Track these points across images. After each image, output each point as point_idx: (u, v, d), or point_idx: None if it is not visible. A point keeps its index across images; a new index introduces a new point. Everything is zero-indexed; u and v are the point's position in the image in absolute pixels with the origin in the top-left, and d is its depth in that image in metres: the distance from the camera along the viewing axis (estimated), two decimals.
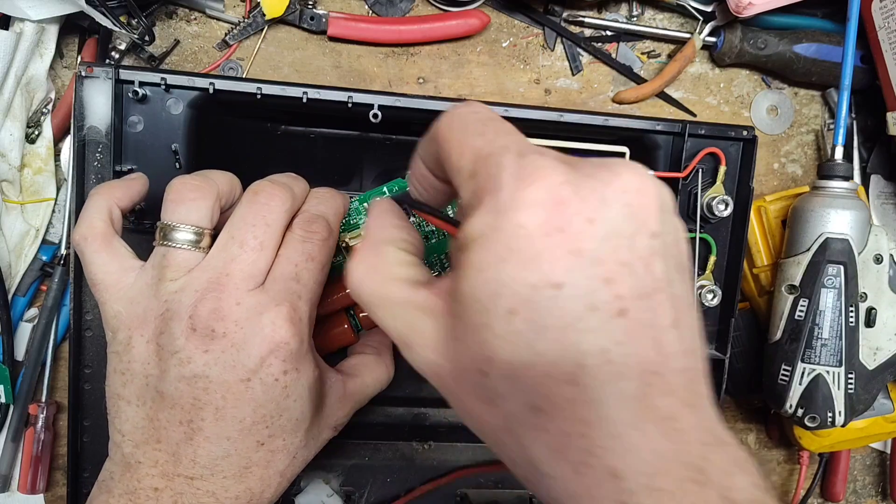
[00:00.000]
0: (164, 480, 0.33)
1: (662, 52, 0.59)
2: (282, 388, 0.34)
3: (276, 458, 0.35)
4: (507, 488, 0.51)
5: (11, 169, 0.49)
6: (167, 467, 0.33)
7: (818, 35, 0.57)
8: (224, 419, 0.33)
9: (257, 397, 0.34)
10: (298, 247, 0.36)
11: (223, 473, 0.34)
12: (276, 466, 0.35)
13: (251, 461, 0.34)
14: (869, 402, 0.54)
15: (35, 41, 0.48)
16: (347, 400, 0.40)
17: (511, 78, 0.57)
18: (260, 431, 0.34)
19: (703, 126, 0.50)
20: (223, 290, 0.33)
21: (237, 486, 0.34)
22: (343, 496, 0.49)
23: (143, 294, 0.35)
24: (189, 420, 0.33)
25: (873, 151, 0.61)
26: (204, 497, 0.34)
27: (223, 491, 0.34)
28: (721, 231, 0.51)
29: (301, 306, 0.35)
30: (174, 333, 0.33)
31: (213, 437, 0.33)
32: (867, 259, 0.53)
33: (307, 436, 0.37)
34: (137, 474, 0.34)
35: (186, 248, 0.35)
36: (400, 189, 0.43)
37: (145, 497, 0.33)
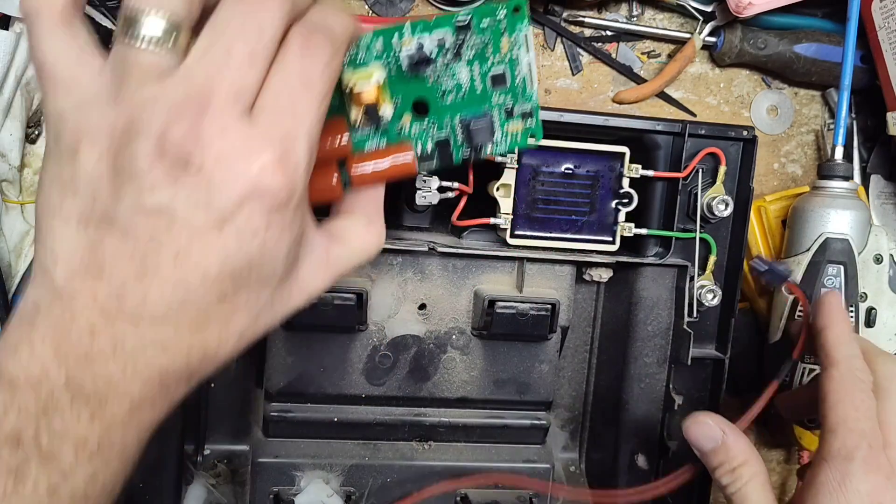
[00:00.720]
0: (104, 320, 0.27)
1: (662, 52, 0.59)
2: (259, 243, 0.28)
3: (237, 316, 0.30)
4: (507, 488, 0.51)
5: (11, 169, 0.49)
6: (109, 305, 0.27)
7: (818, 35, 0.57)
8: (185, 265, 0.27)
9: (228, 248, 0.28)
10: (296, 65, 0.29)
11: (175, 323, 0.28)
12: (236, 325, 0.30)
13: (209, 315, 0.29)
14: None
15: None
16: (329, 268, 0.34)
17: None
18: (224, 285, 0.28)
19: (703, 126, 0.50)
20: (205, 110, 0.27)
21: (190, 338, 0.29)
22: (343, 496, 0.49)
23: (99, 99, 0.28)
24: (143, 257, 0.27)
25: (873, 151, 0.61)
26: (150, 347, 0.28)
27: (173, 342, 0.28)
28: (721, 231, 0.51)
29: (297, 149, 0.28)
30: (136, 154, 0.26)
31: (169, 281, 0.27)
32: (867, 259, 0.53)
33: (275, 297, 0.31)
34: (71, 309, 0.27)
35: (156, 49, 0.27)
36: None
37: (78, 337, 0.27)
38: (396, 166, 0.35)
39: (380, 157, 0.34)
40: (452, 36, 0.34)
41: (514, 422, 0.52)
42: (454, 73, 0.35)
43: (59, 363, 0.27)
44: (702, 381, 0.53)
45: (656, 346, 0.52)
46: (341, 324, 0.47)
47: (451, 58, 0.35)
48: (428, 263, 0.49)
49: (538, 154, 0.48)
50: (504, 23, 0.34)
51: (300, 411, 0.49)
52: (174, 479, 0.49)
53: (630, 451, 0.53)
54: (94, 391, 0.27)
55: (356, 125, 0.34)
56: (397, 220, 0.52)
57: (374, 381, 0.49)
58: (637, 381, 0.52)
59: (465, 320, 0.50)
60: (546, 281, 0.50)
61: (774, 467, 0.65)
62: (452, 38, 0.34)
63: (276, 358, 0.48)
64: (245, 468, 0.50)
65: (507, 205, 0.48)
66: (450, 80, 0.35)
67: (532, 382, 0.51)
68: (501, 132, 0.36)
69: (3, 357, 0.27)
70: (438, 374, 0.50)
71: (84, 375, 0.27)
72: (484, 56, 0.35)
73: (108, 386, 0.27)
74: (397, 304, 0.49)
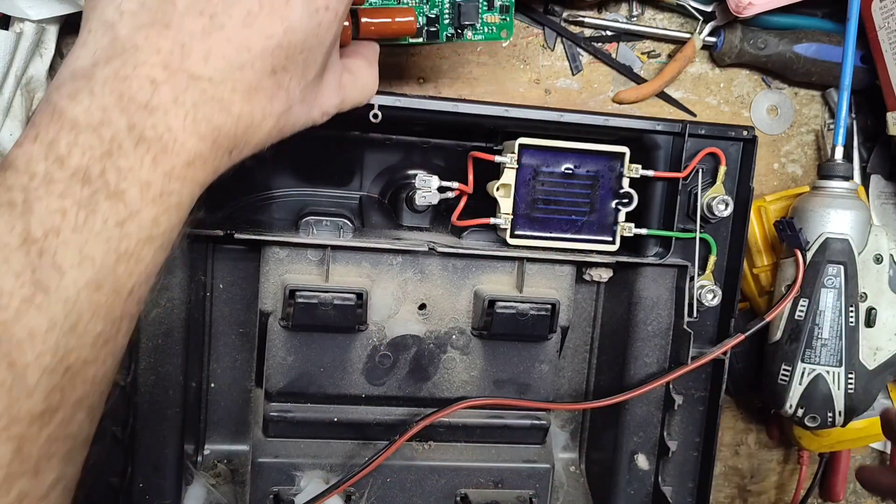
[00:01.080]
0: (166, 73, 0.28)
1: (662, 52, 0.59)
2: (317, 22, 0.31)
3: (279, 95, 0.32)
4: (507, 489, 0.51)
5: None
6: (172, 59, 0.28)
7: (818, 35, 0.57)
8: (252, 27, 0.30)
9: (293, 18, 0.30)
10: None
11: (232, 85, 0.30)
12: (277, 105, 0.32)
13: (260, 85, 0.31)
14: (869, 402, 0.54)
15: (35, 41, 0.48)
16: (340, 91, 0.37)
17: (511, 78, 0.57)
18: (278, 58, 0.31)
19: (703, 126, 0.50)
20: None
21: (242, 104, 0.30)
22: (343, 496, 0.49)
23: None
24: (213, 14, 0.29)
25: (873, 151, 0.61)
26: (207, 104, 0.29)
27: (228, 104, 0.30)
28: (721, 231, 0.51)
29: None
30: None
31: (233, 41, 0.29)
32: (867, 259, 0.53)
33: (306, 95, 0.34)
34: (134, 61, 0.28)
35: None
36: None
37: (139, 87, 0.28)
38: (400, 23, 0.41)
39: (385, 16, 0.41)
40: None
41: (514, 422, 0.52)
42: None
43: (121, 110, 0.28)
44: (702, 381, 0.53)
45: (656, 346, 0.52)
46: (341, 324, 0.47)
47: None
48: (428, 263, 0.49)
49: (538, 154, 0.48)
50: None
51: (300, 411, 0.49)
52: (174, 479, 0.49)
53: (630, 451, 0.53)
54: (156, 138, 0.28)
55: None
56: (397, 220, 0.52)
57: (374, 381, 0.49)
58: (637, 381, 0.52)
59: (465, 320, 0.50)
60: (546, 281, 0.50)
61: (774, 467, 0.65)
62: None
63: (276, 358, 0.48)
64: (245, 468, 0.50)
65: (507, 205, 0.48)
66: None
67: (532, 382, 0.51)
68: (481, 21, 0.45)
69: (62, 103, 0.28)
70: (438, 374, 0.50)
71: (145, 123, 0.28)
72: None
73: (169, 135, 0.28)
74: (397, 304, 0.49)
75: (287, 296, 0.46)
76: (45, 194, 0.26)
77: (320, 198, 0.52)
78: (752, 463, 0.65)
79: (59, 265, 0.26)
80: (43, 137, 0.27)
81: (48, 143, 0.27)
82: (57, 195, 0.26)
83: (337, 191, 0.53)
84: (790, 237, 0.51)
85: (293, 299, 0.45)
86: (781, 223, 0.52)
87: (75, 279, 0.26)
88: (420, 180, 0.47)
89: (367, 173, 0.53)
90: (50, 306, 0.26)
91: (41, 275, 0.26)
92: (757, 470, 0.65)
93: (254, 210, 0.52)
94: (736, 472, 0.65)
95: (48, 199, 0.26)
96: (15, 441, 0.25)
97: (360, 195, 0.53)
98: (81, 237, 0.26)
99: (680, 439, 0.53)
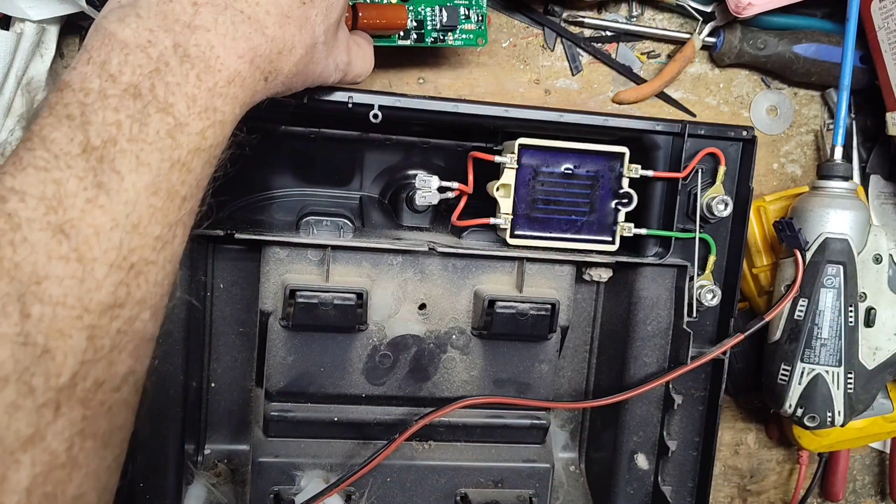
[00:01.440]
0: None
1: (662, 53, 0.59)
2: None
3: (306, 27, 0.35)
4: (507, 488, 0.51)
5: None
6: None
7: (818, 35, 0.57)
8: None
9: None
10: None
11: (266, 9, 0.33)
12: (305, 36, 0.35)
13: (291, 13, 0.34)
14: (868, 401, 0.54)
15: (36, 41, 0.49)
16: (349, 52, 0.41)
17: (511, 78, 0.57)
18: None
19: (702, 126, 0.50)
20: None
21: (275, 28, 0.33)
22: (343, 496, 0.49)
23: None
24: None
25: (873, 151, 0.61)
26: (244, 25, 0.32)
27: (262, 26, 0.33)
28: (721, 231, 0.52)
29: None
30: None
31: None
32: (866, 259, 0.53)
33: (328, 36, 0.37)
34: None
35: None
36: None
37: (182, 8, 0.31)
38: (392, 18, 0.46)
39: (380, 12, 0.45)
40: None
41: (514, 421, 0.52)
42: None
43: (166, 30, 0.30)
44: (701, 381, 0.53)
45: (656, 345, 0.52)
46: (341, 324, 0.47)
47: None
48: (428, 263, 0.49)
49: (538, 154, 0.48)
50: None
51: (300, 411, 0.49)
52: (174, 479, 0.49)
53: (630, 450, 0.53)
54: (199, 56, 0.31)
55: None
56: (397, 220, 0.52)
57: (374, 381, 0.49)
58: (637, 381, 0.52)
59: (465, 320, 0.50)
60: (546, 281, 0.50)
61: (774, 467, 0.65)
62: None
63: (277, 358, 0.48)
64: (245, 468, 0.50)
65: (507, 205, 0.48)
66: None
67: (532, 382, 0.51)
68: (461, 29, 0.49)
69: (112, 27, 0.30)
70: (438, 373, 0.50)
71: (189, 42, 0.31)
72: None
73: (211, 52, 0.31)
74: (397, 304, 0.49)
75: (287, 296, 0.46)
76: (101, 108, 0.29)
77: (320, 198, 0.52)
78: (751, 463, 0.65)
79: (118, 170, 0.28)
80: (95, 58, 0.30)
81: (100, 63, 0.30)
82: (112, 109, 0.29)
83: (337, 191, 0.53)
84: (789, 237, 0.52)
85: (293, 299, 0.46)
86: (781, 223, 0.52)
87: (134, 183, 0.29)
88: (420, 180, 0.47)
89: (367, 173, 0.53)
90: (112, 206, 0.28)
91: (102, 178, 0.28)
92: (756, 470, 0.65)
93: (254, 210, 0.52)
94: (735, 471, 0.65)
95: (104, 112, 0.29)
96: (88, 330, 0.27)
97: (360, 195, 0.53)
98: (137, 146, 0.29)
99: (679, 439, 0.53)
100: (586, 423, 0.57)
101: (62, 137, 0.28)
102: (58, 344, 0.26)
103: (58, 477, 0.26)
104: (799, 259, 0.51)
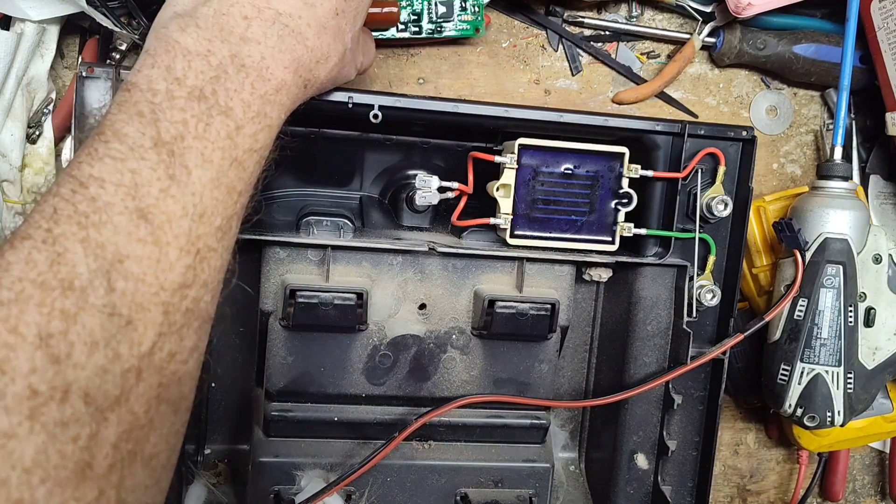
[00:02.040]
0: (255, 10, 0.35)
1: (662, 53, 0.59)
2: None
3: (339, 36, 0.38)
4: (507, 488, 0.51)
5: (12, 169, 0.50)
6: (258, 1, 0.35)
7: (817, 35, 0.57)
8: None
9: None
10: None
11: (307, 21, 0.36)
12: (338, 44, 0.38)
13: (328, 23, 0.37)
14: (868, 401, 0.54)
15: (36, 42, 0.49)
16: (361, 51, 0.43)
17: (511, 78, 0.57)
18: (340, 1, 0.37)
19: (702, 126, 0.50)
20: None
21: (314, 38, 0.36)
22: (343, 496, 0.49)
23: None
24: None
25: (872, 151, 0.61)
26: (290, 36, 0.35)
27: (304, 37, 0.36)
28: (720, 231, 0.52)
29: None
30: None
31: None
32: (866, 259, 0.53)
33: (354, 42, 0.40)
34: (228, 0, 0.35)
35: None
36: None
37: (236, 22, 0.34)
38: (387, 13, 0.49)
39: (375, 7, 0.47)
40: None
41: (513, 421, 0.52)
42: None
43: (223, 41, 0.34)
44: (701, 381, 0.53)
45: (656, 345, 0.52)
46: (341, 324, 0.47)
47: None
48: (428, 263, 0.49)
49: (538, 154, 0.48)
50: None
51: (300, 411, 0.49)
52: (174, 479, 0.49)
53: (629, 450, 0.53)
54: (253, 66, 0.34)
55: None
56: (397, 220, 0.52)
57: (374, 381, 0.49)
58: (636, 381, 0.52)
59: (465, 320, 0.50)
60: (546, 281, 0.51)
61: (773, 467, 0.65)
62: None
63: (277, 358, 0.48)
64: (245, 468, 0.50)
65: (507, 205, 0.48)
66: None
67: (532, 382, 0.51)
68: (458, 20, 0.52)
69: (175, 35, 0.33)
70: (438, 373, 0.50)
71: (243, 52, 0.34)
72: None
73: (262, 62, 0.34)
74: (397, 304, 0.49)
75: (287, 296, 0.46)
76: (169, 108, 0.32)
77: (320, 198, 0.52)
78: (751, 462, 0.65)
79: (186, 164, 0.31)
80: (160, 63, 0.33)
81: (166, 67, 0.32)
82: (178, 109, 0.32)
83: (337, 191, 0.53)
84: (789, 238, 0.52)
85: (294, 299, 0.46)
86: (780, 224, 0.52)
87: (200, 177, 0.31)
88: (420, 180, 0.47)
89: (367, 173, 0.53)
90: (182, 197, 0.31)
91: (173, 170, 0.31)
92: (756, 469, 0.65)
93: (254, 210, 0.52)
94: (735, 471, 0.65)
95: (171, 111, 0.31)
96: (163, 306, 0.30)
97: (361, 195, 0.53)
98: (202, 143, 0.32)
99: (679, 439, 0.53)
100: (586, 422, 0.57)
101: (134, 132, 0.31)
102: (139, 316, 0.29)
103: (138, 436, 0.29)
104: (799, 259, 0.51)
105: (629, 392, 0.50)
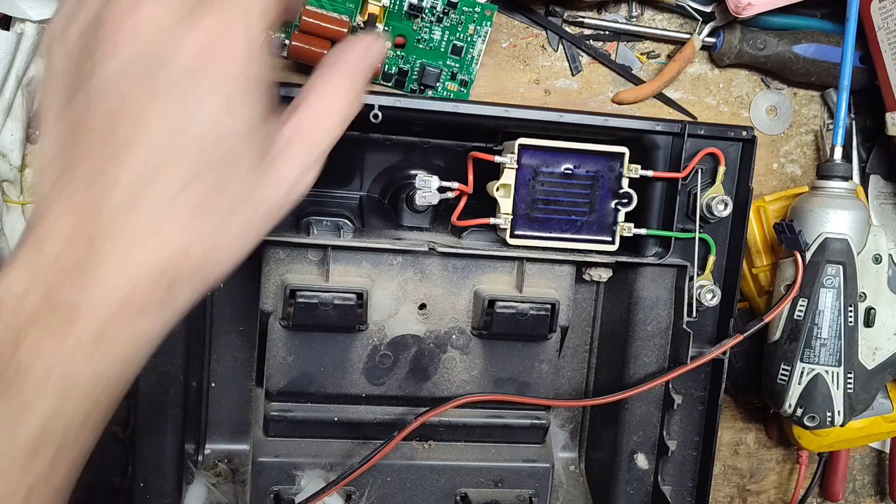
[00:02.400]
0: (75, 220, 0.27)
1: (662, 53, 0.59)
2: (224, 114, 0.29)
3: (207, 203, 0.29)
4: (507, 488, 0.51)
5: (13, 169, 0.50)
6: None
7: (817, 35, 0.57)
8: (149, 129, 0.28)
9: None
10: None
11: (146, 209, 0.28)
12: (211, 215, 0.29)
13: (175, 199, 0.28)
14: (868, 401, 0.54)
15: (36, 42, 0.49)
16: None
17: (511, 78, 0.57)
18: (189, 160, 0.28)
19: (702, 126, 0.50)
20: None
21: (155, 237, 0.28)
22: (343, 496, 0.49)
23: None
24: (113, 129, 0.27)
25: (872, 151, 0.61)
26: (121, 245, 0.27)
27: (141, 243, 0.28)
28: (720, 231, 0.52)
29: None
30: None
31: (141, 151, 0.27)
32: (866, 259, 0.53)
33: (247, 187, 0.30)
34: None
35: None
36: None
37: (49, 252, 0.27)
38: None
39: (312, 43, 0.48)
40: (442, 5, 0.51)
41: (513, 421, 0.52)
42: (431, 30, 0.52)
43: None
44: (701, 381, 0.53)
45: (656, 345, 0.52)
46: (341, 324, 0.47)
47: (434, 19, 0.51)
48: (428, 263, 0.49)
49: (538, 154, 0.48)
50: (476, 15, 0.52)
51: (300, 411, 0.49)
52: (174, 478, 0.49)
53: (629, 450, 0.53)
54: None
55: (356, 27, 0.50)
56: (397, 220, 0.52)
57: (374, 381, 0.49)
58: (636, 381, 0.52)
59: (465, 320, 0.50)
60: (546, 281, 0.51)
61: (773, 467, 0.65)
62: (441, 6, 0.51)
63: (277, 357, 0.48)
64: (245, 468, 0.50)
65: (507, 205, 0.48)
66: (427, 33, 0.52)
67: (532, 382, 0.51)
68: (443, 86, 0.54)
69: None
70: (438, 373, 0.50)
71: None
72: (455, 29, 0.52)
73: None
74: (397, 304, 0.49)
75: (287, 296, 0.46)
76: None
77: (320, 198, 0.52)
78: (751, 462, 0.65)
79: None
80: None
81: None
82: None
83: (337, 191, 0.53)
84: (789, 240, 0.52)
85: (293, 299, 0.46)
86: (780, 226, 0.52)
87: None
88: (420, 180, 0.47)
89: (367, 173, 0.53)
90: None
91: None
92: (756, 469, 0.65)
93: None
94: (735, 471, 0.65)
95: None
96: None
97: (360, 195, 0.53)
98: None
99: (679, 439, 0.53)
100: (586, 422, 0.57)
101: None
102: None
103: None
104: (799, 260, 0.51)
105: (629, 392, 0.50)
